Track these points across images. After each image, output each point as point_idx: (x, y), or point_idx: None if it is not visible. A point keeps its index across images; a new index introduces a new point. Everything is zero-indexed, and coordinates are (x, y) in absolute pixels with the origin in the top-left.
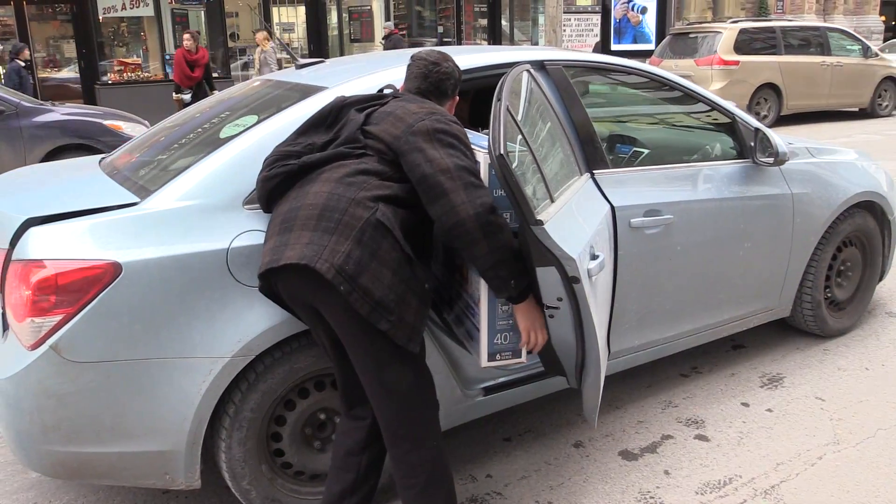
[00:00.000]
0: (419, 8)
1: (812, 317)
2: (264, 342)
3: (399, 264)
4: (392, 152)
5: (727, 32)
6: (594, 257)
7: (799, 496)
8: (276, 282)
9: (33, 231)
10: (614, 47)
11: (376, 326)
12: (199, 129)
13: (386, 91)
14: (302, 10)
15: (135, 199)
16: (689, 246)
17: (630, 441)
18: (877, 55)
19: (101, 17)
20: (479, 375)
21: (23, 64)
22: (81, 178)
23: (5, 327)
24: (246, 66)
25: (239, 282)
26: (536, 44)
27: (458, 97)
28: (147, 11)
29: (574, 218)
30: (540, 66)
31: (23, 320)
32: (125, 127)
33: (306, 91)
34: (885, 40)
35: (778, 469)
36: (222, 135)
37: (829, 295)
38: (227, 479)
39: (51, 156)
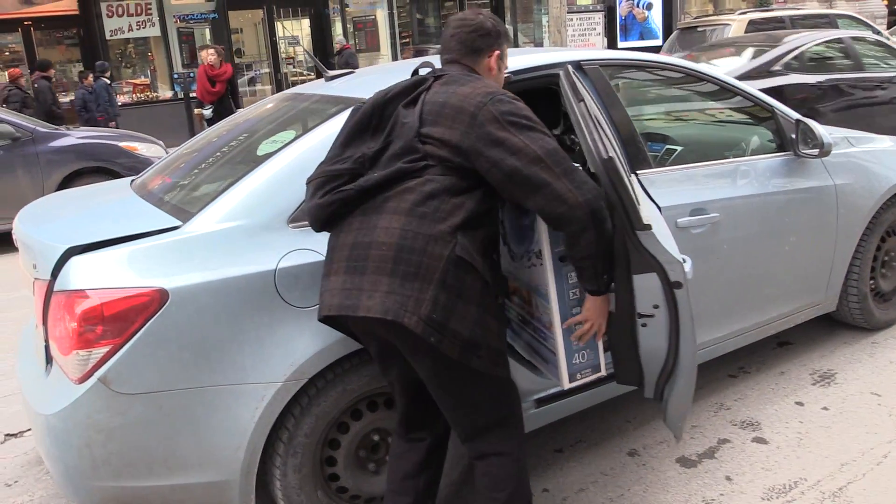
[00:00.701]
0: (420, 15)
1: (859, 310)
2: (317, 364)
3: (481, 295)
4: (460, 156)
5: (736, 24)
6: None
7: (869, 498)
8: (345, 320)
9: (75, 260)
10: (621, 44)
11: (468, 365)
12: (231, 147)
13: (423, 71)
14: (306, 22)
15: (176, 222)
16: (735, 244)
17: (686, 447)
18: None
19: (108, 39)
20: (531, 387)
21: (108, 81)
22: (117, 202)
23: (48, 361)
24: (253, 82)
25: (288, 303)
26: (541, 45)
27: (499, 52)
28: (154, 31)
29: (657, 220)
30: (577, 66)
31: (69, 353)
32: (141, 148)
33: (345, 103)
34: (889, 25)
35: (843, 469)
36: (260, 152)
37: (874, 287)
38: None
39: (68, 180)
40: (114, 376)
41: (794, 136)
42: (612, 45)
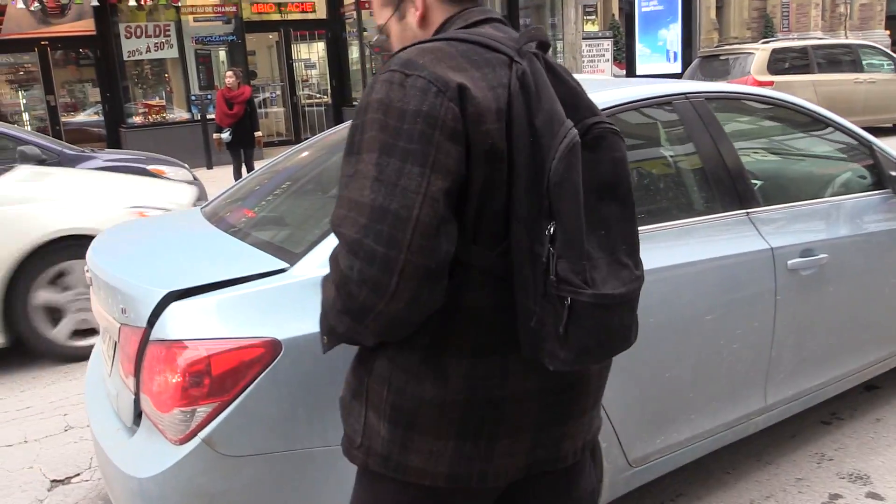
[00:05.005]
0: None
1: None
2: None
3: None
4: None
5: (759, 53)
6: None
7: None
8: None
9: (176, 307)
10: (640, 70)
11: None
12: (316, 179)
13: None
14: (322, 45)
15: (282, 264)
16: (840, 286)
17: (797, 502)
18: None
19: (125, 60)
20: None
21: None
22: (202, 237)
23: (137, 417)
24: (266, 103)
25: None
26: None
27: None
28: (171, 53)
29: None
30: (684, 98)
31: (169, 410)
32: (168, 171)
33: None
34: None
35: None
36: None
37: None
38: None
39: None
40: (220, 437)
41: (894, 173)
42: (630, 71)
